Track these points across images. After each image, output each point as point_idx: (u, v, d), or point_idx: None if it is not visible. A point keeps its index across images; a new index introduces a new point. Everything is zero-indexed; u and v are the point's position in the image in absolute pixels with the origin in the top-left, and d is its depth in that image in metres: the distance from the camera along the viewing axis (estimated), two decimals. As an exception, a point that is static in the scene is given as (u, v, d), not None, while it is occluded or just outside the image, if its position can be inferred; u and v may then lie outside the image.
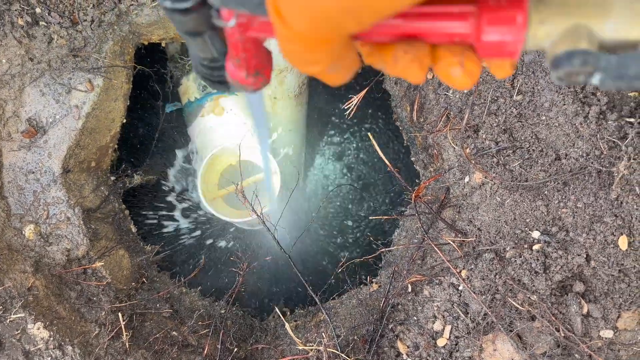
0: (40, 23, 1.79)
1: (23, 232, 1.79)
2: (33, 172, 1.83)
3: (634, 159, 1.27)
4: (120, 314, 1.73)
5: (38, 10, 1.78)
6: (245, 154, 2.06)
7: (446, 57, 0.54)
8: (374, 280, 1.97)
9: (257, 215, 1.65)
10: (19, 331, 1.56)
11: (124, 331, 1.70)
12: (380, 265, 2.02)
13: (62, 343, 1.58)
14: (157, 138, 2.20)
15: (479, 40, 0.50)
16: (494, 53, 0.51)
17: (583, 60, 0.48)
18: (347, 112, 1.69)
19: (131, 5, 1.83)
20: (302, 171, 3.27)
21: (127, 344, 1.69)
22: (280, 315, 1.64)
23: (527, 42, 0.50)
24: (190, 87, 2.21)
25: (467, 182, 1.66)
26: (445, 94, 1.66)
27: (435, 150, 1.78)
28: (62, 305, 1.72)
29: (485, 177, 1.55)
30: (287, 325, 1.53)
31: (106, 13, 1.82)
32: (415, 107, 1.81)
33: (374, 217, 1.74)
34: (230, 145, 2.06)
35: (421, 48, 0.54)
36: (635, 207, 1.28)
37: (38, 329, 1.57)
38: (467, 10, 0.51)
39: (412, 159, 2.06)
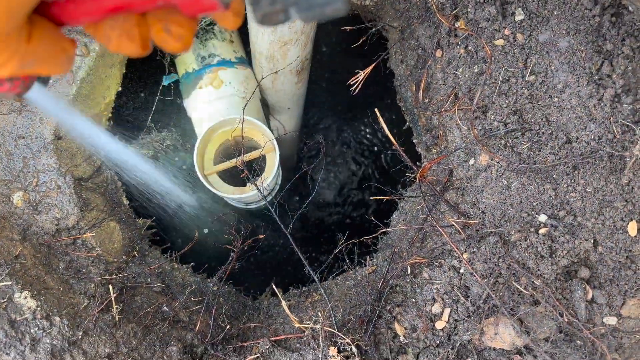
0: (36, -19, 1.71)
1: (11, 199, 1.73)
2: (23, 137, 1.76)
3: (648, 143, 1.24)
4: (110, 286, 1.68)
5: (33, -33, 1.70)
6: (244, 129, 2.01)
7: (153, 24, 0.54)
8: (370, 262, 1.94)
9: (258, 189, 1.60)
10: (5, 300, 1.50)
11: (114, 304, 1.65)
12: (377, 247, 1.99)
13: (50, 314, 1.53)
14: (154, 110, 2.14)
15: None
16: (196, 9, 0.51)
17: (271, 1, 0.50)
18: (353, 88, 1.64)
19: (132, -33, 1.76)
20: (297, 149, 3.23)
21: (117, 317, 1.65)
22: (277, 292, 1.60)
23: None
24: (188, 58, 2.14)
25: (472, 164, 1.62)
26: (454, 73, 1.62)
27: (440, 132, 1.74)
28: (50, 276, 1.66)
29: (492, 160, 1.52)
30: (283, 303, 1.49)
31: (105, -26, 1.74)
32: (422, 86, 1.77)
33: (374, 198, 1.70)
34: (228, 119, 2.00)
35: (127, 20, 0.53)
36: (647, 192, 1.26)
37: (25, 298, 1.52)
38: None
39: (415, 141, 2.02)
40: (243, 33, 2.19)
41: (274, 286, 1.62)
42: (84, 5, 0.51)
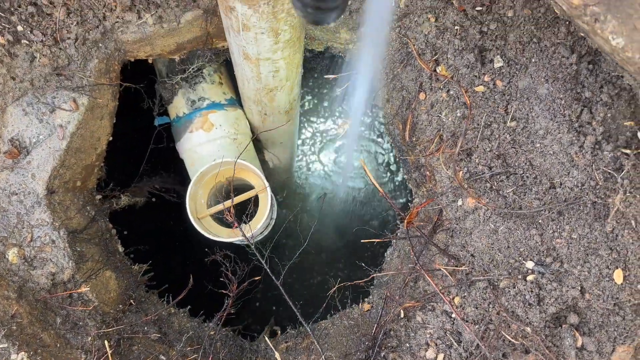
0: (22, 41, 1.73)
1: (6, 256, 1.75)
2: (16, 194, 1.79)
3: (629, 193, 1.24)
4: (106, 342, 1.69)
5: (20, 28, 1.72)
6: (235, 172, 2.02)
7: None
8: (366, 299, 1.94)
9: (248, 240, 1.61)
10: (1, 363, 1.52)
11: (110, 358, 1.67)
12: (372, 284, 1.99)
13: (47, 373, 1.54)
14: (147, 158, 2.16)
15: None
16: None
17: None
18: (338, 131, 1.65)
19: (116, 22, 1.78)
20: (292, 182, 3.24)
21: (114, 371, 1.66)
22: (269, 343, 1.61)
23: None
24: (178, 102, 2.16)
25: (460, 205, 1.63)
26: (438, 116, 1.63)
27: (427, 172, 1.75)
28: (47, 332, 1.68)
29: (479, 203, 1.52)
30: (277, 355, 1.50)
31: (90, 31, 1.77)
32: (408, 126, 1.78)
33: (365, 241, 1.71)
34: (219, 163, 2.01)
35: None
36: (631, 241, 1.26)
37: (22, 359, 1.54)
38: None
39: (405, 177, 2.03)
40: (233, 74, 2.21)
41: (267, 339, 1.62)
42: None
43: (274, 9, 1.30)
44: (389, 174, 3.43)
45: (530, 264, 1.40)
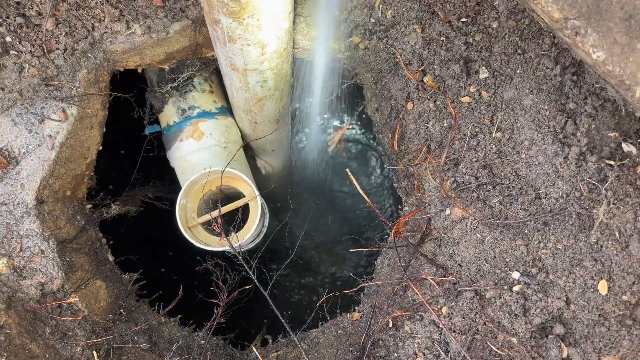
0: (11, 52, 1.74)
1: (-5, 266, 1.75)
2: (5, 204, 1.79)
3: (613, 204, 1.25)
4: (95, 352, 1.69)
5: (8, 39, 1.73)
6: (225, 180, 2.02)
7: None
8: (356, 308, 1.94)
9: (233, 248, 1.61)
10: (-11, 374, 1.52)
11: (99, 369, 1.67)
12: (363, 293, 2.00)
13: (35, 385, 1.54)
14: (138, 166, 2.16)
15: None
16: None
17: None
18: (330, 147, 1.66)
19: (105, 32, 1.79)
20: (286, 188, 3.24)
21: (102, 382, 1.66)
22: (257, 354, 1.61)
23: None
24: (169, 110, 2.16)
25: (448, 214, 1.63)
26: (426, 126, 1.64)
27: (416, 181, 1.75)
28: (35, 343, 1.68)
29: (466, 213, 1.53)
30: (265, 365, 1.50)
31: (79, 41, 1.77)
32: (396, 135, 1.78)
33: (354, 250, 1.71)
34: (208, 172, 2.01)
35: None
36: (615, 252, 1.27)
37: (9, 371, 1.54)
38: None
39: (395, 185, 2.03)
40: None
41: (254, 349, 1.62)
42: None
43: (258, 21, 1.31)
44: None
45: (516, 275, 1.40)
